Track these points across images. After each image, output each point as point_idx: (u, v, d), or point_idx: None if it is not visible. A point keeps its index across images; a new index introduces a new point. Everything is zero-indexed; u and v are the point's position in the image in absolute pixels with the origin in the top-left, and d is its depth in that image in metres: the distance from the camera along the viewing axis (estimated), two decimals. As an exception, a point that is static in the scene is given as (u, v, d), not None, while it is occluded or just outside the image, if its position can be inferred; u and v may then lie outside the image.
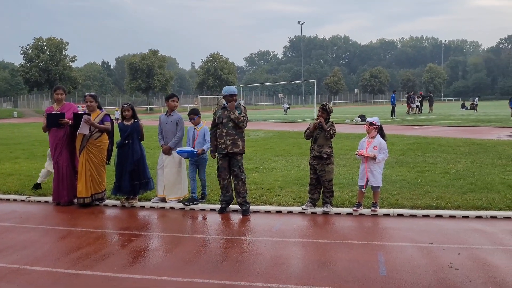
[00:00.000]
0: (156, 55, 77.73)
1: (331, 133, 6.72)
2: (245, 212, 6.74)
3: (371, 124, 6.73)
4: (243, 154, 6.89)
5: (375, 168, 6.63)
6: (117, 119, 6.85)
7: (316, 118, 6.91)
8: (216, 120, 6.81)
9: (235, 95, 6.83)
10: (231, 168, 6.80)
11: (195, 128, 7.45)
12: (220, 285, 4.21)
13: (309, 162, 6.98)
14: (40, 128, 8.33)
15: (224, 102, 6.84)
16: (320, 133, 6.77)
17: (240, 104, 6.84)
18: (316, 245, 5.33)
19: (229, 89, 6.85)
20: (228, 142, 6.67)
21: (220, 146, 6.74)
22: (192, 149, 7.20)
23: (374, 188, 6.68)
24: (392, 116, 30.98)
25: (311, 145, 6.94)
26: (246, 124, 6.83)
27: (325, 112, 6.84)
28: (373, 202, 6.70)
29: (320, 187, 6.90)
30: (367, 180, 6.64)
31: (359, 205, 6.71)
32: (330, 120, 6.90)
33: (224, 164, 6.79)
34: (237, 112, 6.68)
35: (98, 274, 4.54)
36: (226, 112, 6.74)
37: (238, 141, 6.72)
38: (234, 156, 6.73)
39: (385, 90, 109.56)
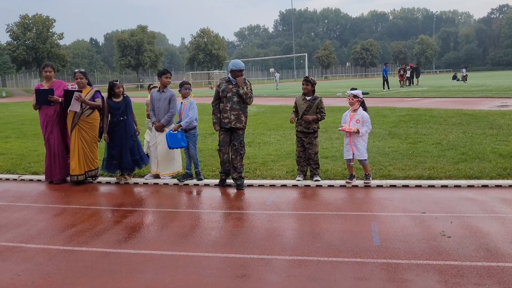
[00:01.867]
0: (145, 31, 76.56)
1: (323, 117, 6.83)
2: (239, 187, 6.76)
3: (355, 96, 6.70)
4: (245, 129, 6.86)
5: (359, 141, 6.64)
6: None
7: (301, 117, 6.86)
8: (220, 93, 6.70)
9: (243, 70, 6.71)
10: (231, 142, 6.77)
11: (182, 102, 7.30)
12: (216, 258, 4.25)
13: (296, 134, 7.03)
14: (30, 107, 8.24)
15: (229, 75, 6.72)
16: (309, 110, 6.77)
17: (245, 79, 6.75)
18: (310, 217, 5.37)
19: (238, 63, 6.68)
20: (232, 117, 6.61)
21: (223, 120, 6.68)
22: (170, 133, 6.97)
23: (361, 161, 6.72)
24: (384, 89, 30.98)
25: (298, 120, 6.96)
26: (252, 100, 6.79)
27: (309, 83, 6.84)
28: (365, 174, 6.74)
29: (307, 158, 6.94)
30: (353, 154, 6.67)
31: (352, 176, 6.75)
32: (319, 96, 6.90)
33: (226, 138, 6.76)
34: (245, 87, 6.63)
35: (94, 250, 4.56)
36: (231, 86, 6.65)
37: (241, 116, 6.67)
38: (236, 130, 6.70)
39: (376, 63, 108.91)
